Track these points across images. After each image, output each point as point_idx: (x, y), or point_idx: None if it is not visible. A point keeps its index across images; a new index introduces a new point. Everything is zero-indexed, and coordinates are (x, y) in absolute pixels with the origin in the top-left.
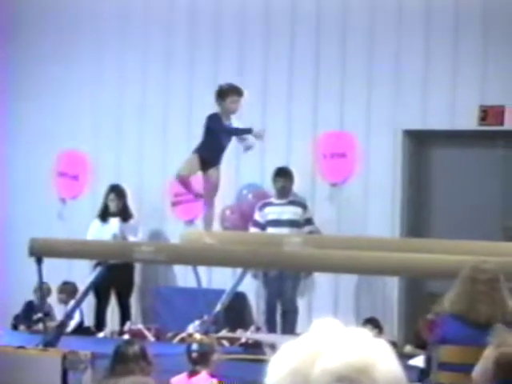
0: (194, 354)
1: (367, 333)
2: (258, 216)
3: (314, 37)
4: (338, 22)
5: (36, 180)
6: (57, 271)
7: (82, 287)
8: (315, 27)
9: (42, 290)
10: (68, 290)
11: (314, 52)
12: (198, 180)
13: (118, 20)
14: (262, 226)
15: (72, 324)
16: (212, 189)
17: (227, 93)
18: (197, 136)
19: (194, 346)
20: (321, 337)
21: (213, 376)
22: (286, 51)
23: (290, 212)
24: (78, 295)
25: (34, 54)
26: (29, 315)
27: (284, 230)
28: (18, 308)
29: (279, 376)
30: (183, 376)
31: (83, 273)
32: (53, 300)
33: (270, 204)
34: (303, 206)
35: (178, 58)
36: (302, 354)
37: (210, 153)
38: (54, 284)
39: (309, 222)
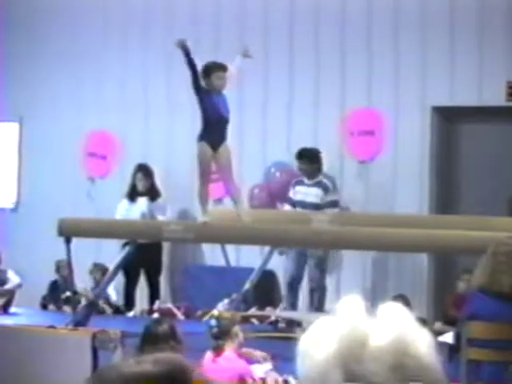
0: (214, 330)
1: (399, 307)
2: (291, 193)
3: (340, 13)
4: None
5: (65, 160)
6: (86, 252)
7: (110, 268)
8: (341, 2)
9: (71, 269)
10: (99, 271)
11: (340, 29)
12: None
13: None
14: (294, 204)
15: (111, 307)
16: (227, 166)
17: (212, 69)
18: None
19: (213, 322)
20: (359, 318)
21: (240, 356)
22: (312, 28)
23: (312, 194)
24: (107, 275)
25: (56, 32)
26: (55, 295)
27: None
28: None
29: (326, 365)
30: (209, 355)
31: (112, 254)
32: (85, 280)
33: (301, 183)
34: (325, 189)
35: (206, 37)
36: (347, 340)
37: (213, 134)
38: (83, 265)
39: (332, 204)
